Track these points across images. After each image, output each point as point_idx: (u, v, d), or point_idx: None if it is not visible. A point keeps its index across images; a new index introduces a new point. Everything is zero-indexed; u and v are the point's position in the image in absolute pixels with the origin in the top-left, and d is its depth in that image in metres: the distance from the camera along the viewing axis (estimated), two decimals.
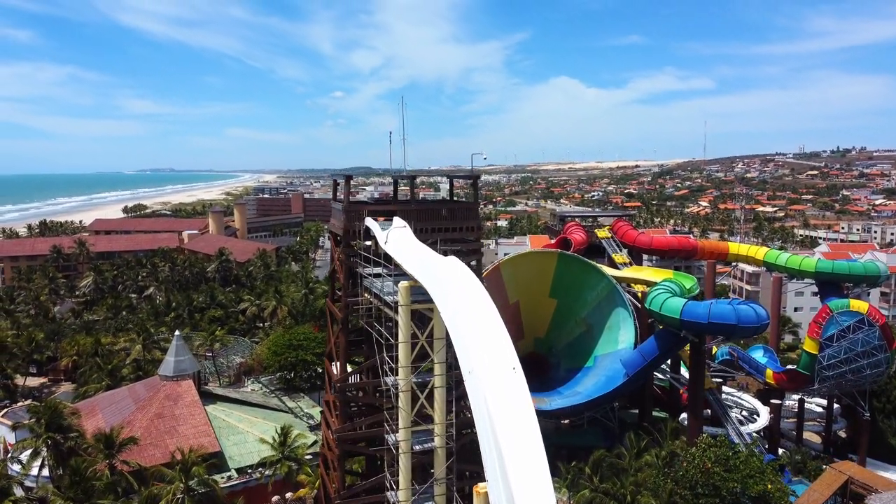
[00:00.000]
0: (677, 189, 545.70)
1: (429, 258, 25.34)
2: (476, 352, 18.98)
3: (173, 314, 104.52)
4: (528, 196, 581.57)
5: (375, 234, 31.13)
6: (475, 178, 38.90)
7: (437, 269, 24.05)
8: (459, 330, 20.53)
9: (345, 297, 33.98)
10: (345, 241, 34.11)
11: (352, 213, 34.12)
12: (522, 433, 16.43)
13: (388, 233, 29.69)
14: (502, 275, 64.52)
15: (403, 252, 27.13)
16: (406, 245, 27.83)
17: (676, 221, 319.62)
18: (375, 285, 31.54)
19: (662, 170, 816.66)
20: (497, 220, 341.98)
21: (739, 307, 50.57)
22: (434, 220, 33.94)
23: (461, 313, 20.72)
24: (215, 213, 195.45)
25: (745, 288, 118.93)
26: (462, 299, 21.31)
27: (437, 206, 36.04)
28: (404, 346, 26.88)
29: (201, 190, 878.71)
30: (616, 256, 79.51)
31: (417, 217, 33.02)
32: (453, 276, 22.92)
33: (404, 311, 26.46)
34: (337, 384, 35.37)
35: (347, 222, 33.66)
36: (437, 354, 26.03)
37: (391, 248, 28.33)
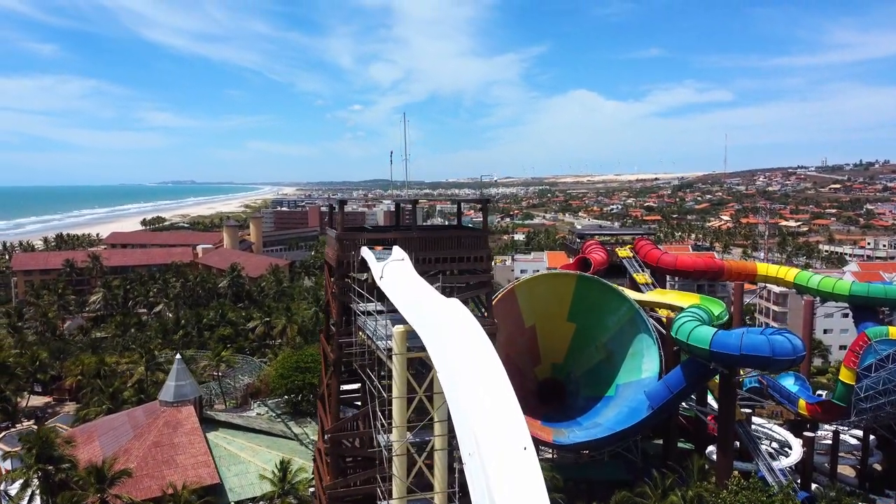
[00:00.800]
0: (698, 202, 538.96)
1: (426, 300, 21.96)
2: (479, 427, 15.45)
3: (182, 332, 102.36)
4: (545, 209, 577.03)
5: (371, 267, 27.86)
6: (484, 202, 35.62)
7: (434, 315, 20.53)
8: (458, 396, 16.97)
9: (337, 337, 30.76)
10: (338, 272, 30.89)
11: (346, 241, 30.92)
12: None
13: (384, 266, 26.39)
14: (517, 297, 61.20)
15: (398, 291, 23.81)
16: (402, 282, 24.50)
17: (698, 236, 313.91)
18: (369, 326, 27.50)
19: (682, 183, 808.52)
20: (514, 234, 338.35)
21: (774, 338, 46.83)
22: (439, 249, 30.68)
23: (461, 374, 17.25)
24: (230, 227, 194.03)
25: (773, 308, 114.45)
26: (463, 356, 17.83)
27: (442, 234, 32.66)
28: (399, 402, 22.84)
29: (221, 202, 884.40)
30: (638, 277, 75.93)
31: (420, 246, 29.84)
32: (453, 326, 19.43)
33: (399, 360, 22.47)
34: (328, 435, 32.04)
35: (341, 251, 30.51)
36: (437, 411, 22.30)
37: (386, 285, 25.07)
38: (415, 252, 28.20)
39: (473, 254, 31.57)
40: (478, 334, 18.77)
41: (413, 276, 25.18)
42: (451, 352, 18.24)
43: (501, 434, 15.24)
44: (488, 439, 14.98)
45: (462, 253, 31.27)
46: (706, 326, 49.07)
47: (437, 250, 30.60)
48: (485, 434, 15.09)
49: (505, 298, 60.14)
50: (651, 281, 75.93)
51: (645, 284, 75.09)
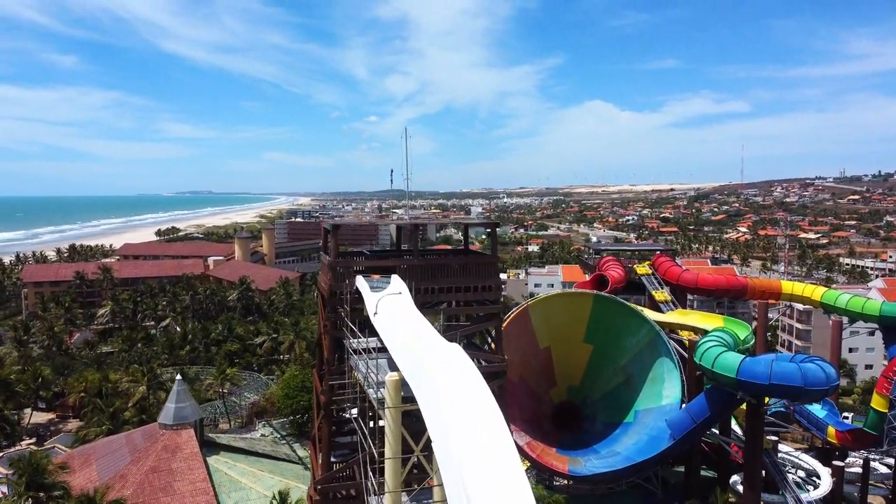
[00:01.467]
0: (714, 214, 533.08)
1: (423, 345, 19.15)
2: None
3: (189, 347, 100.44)
4: (560, 219, 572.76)
5: (364, 300, 25.16)
6: (493, 226, 32.80)
7: (431, 365, 17.74)
8: (452, 465, 14.20)
9: (328, 379, 28.02)
10: (330, 304, 28.22)
11: (339, 269, 28.23)
12: None
13: (378, 300, 23.68)
14: (531, 317, 58.50)
15: (392, 331, 21.07)
16: (398, 321, 21.73)
17: (715, 248, 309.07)
18: (361, 368, 24.32)
19: (699, 193, 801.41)
20: (528, 245, 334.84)
21: (805, 366, 43.76)
22: (443, 278, 27.98)
23: (456, 439, 14.38)
24: (242, 238, 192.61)
25: (796, 326, 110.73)
26: (461, 418, 14.97)
27: (447, 261, 29.88)
28: (392, 462, 19.29)
29: (236, 212, 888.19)
30: (657, 294, 73.01)
31: (423, 274, 27.18)
32: (452, 379, 16.60)
33: (393, 414, 19.13)
34: (318, 484, 29.34)
35: (333, 281, 27.89)
36: (437, 473, 19.31)
37: (379, 323, 22.36)
38: (416, 281, 25.58)
39: (482, 282, 28.76)
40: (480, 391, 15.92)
41: (411, 312, 22.43)
42: (448, 412, 15.36)
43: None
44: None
45: (469, 282, 28.48)
46: (732, 353, 46.09)
47: (442, 279, 27.88)
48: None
49: (518, 318, 57.52)
50: (670, 298, 72.99)
51: (664, 302, 72.16)
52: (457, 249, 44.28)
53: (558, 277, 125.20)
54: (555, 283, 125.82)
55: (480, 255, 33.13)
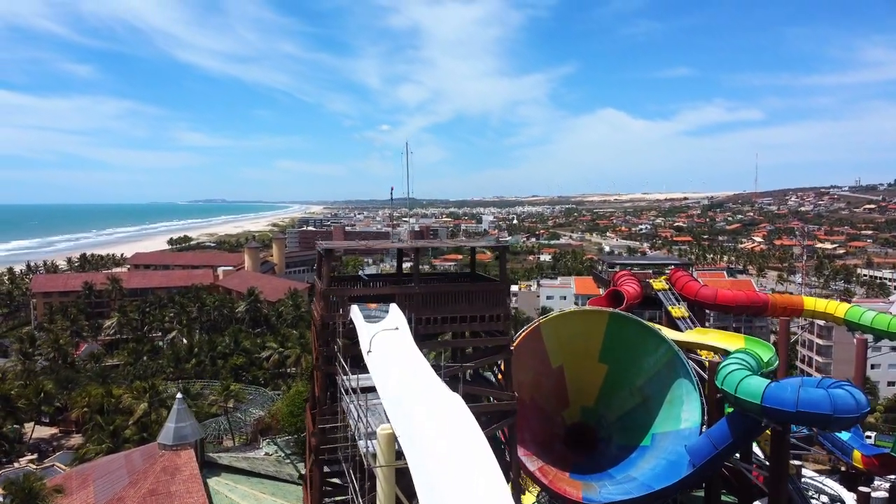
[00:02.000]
0: (728, 223, 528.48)
1: (418, 392, 16.97)
2: None
3: (194, 360, 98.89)
4: (572, 228, 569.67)
5: (359, 335, 22.95)
6: (502, 249, 30.44)
7: (425, 418, 15.55)
8: None
9: (317, 422, 25.78)
10: (321, 338, 26.08)
11: (332, 298, 26.08)
12: None
13: (372, 336, 21.46)
14: (543, 336, 56.07)
15: (386, 375, 18.77)
16: (392, 362, 19.48)
17: (730, 258, 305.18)
18: (353, 413, 21.06)
19: (712, 202, 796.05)
20: (540, 255, 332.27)
21: (834, 392, 41.13)
22: (447, 306, 25.73)
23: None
24: (251, 248, 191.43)
25: (817, 342, 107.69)
26: (456, 486, 12.70)
27: (451, 288, 27.50)
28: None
29: (249, 221, 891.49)
30: (674, 310, 70.46)
31: (424, 302, 25.01)
32: (448, 438, 14.48)
33: (385, 473, 16.34)
34: None
35: (325, 311, 25.77)
36: None
37: (373, 364, 20.11)
38: (417, 310, 23.48)
39: (490, 311, 26.49)
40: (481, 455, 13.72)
41: (408, 352, 20.21)
42: (442, 480, 13.12)
43: None
44: None
45: (476, 310, 26.23)
46: (757, 378, 43.54)
47: (445, 307, 25.59)
48: None
49: (530, 337, 55.17)
50: (688, 314, 70.46)
51: (681, 318, 69.66)
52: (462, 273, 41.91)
53: (571, 290, 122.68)
54: (567, 296, 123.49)
55: (488, 280, 30.76)
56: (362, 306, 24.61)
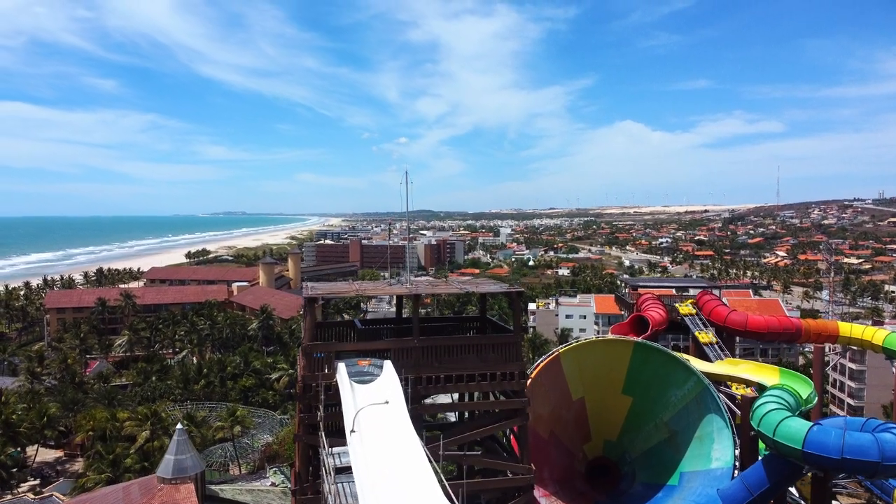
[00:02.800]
0: (750, 236, 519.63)
1: (404, 495, 13.71)
2: None
3: (203, 382, 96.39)
4: (591, 242, 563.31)
5: (343, 407, 19.59)
6: (516, 296, 26.76)
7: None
8: None
9: (300, 496, 22.41)
10: (302, 401, 22.60)
11: (315, 355, 22.67)
12: None
13: (358, 411, 17.97)
14: (563, 366, 52.64)
15: (366, 467, 15.41)
16: (377, 448, 16.04)
17: (754, 273, 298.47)
18: (339, 499, 16.82)
19: (733, 215, 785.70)
20: (558, 269, 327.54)
21: (883, 437, 37.37)
22: (452, 363, 22.09)
23: None
24: (266, 264, 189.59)
25: (849, 366, 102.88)
26: None
27: (457, 342, 23.71)
28: None
29: (268, 233, 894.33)
30: (701, 336, 66.80)
31: (424, 357, 21.52)
32: None
33: None
34: None
35: (307, 371, 22.34)
36: None
37: (355, 449, 16.70)
38: (417, 367, 20.10)
39: (502, 368, 22.80)
40: None
41: (399, 435, 16.80)
42: None
43: None
44: None
45: (486, 367, 22.49)
46: (797, 420, 39.88)
47: (450, 364, 22.02)
48: None
49: (549, 367, 51.78)
50: (716, 340, 66.74)
51: (709, 344, 65.97)
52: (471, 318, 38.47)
53: (591, 308, 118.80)
54: (587, 314, 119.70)
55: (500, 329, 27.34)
56: (351, 363, 21.20)
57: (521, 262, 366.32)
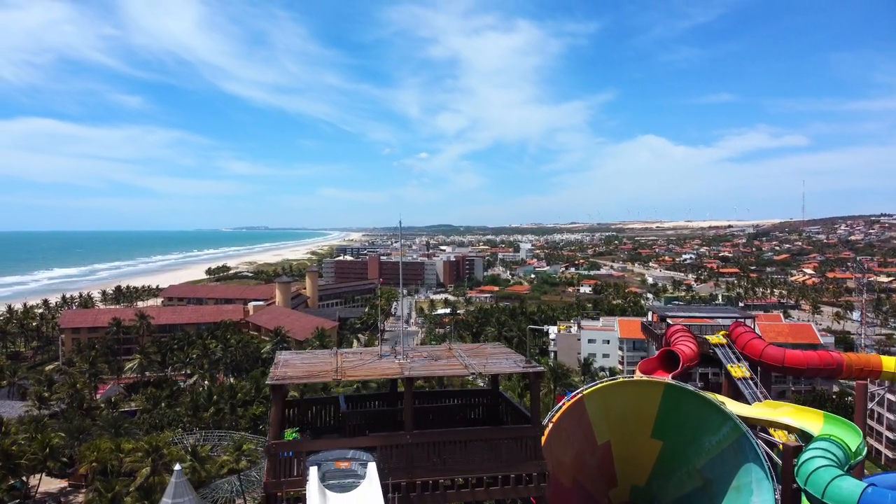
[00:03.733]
0: (776, 252, 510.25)
1: None
2: None
3: (213, 409, 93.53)
4: (613, 257, 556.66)
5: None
6: (535, 375, 22.68)
7: None
8: None
9: None
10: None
11: (280, 456, 18.95)
12: None
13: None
14: (587, 409, 48.79)
15: None
16: None
17: (781, 293, 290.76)
18: None
19: (758, 231, 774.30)
20: (580, 287, 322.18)
21: None
22: (454, 462, 17.86)
23: None
24: (282, 283, 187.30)
25: (888, 397, 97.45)
26: None
27: (460, 436, 19.14)
28: None
29: (289, 249, 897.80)
30: (734, 369, 62.60)
31: (420, 456, 17.50)
32: None
33: None
34: None
35: (270, 475, 18.49)
36: None
37: None
38: (409, 469, 16.23)
39: (517, 469, 18.48)
40: None
41: None
42: None
43: None
44: None
45: (498, 468, 18.02)
46: (849, 480, 35.77)
47: (452, 464, 17.89)
48: None
49: (572, 410, 47.96)
50: (749, 374, 62.49)
51: (743, 379, 61.74)
52: (480, 391, 34.60)
53: (615, 333, 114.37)
54: (611, 339, 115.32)
55: (516, 413, 23.18)
56: (326, 464, 17.46)
57: (542, 278, 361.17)
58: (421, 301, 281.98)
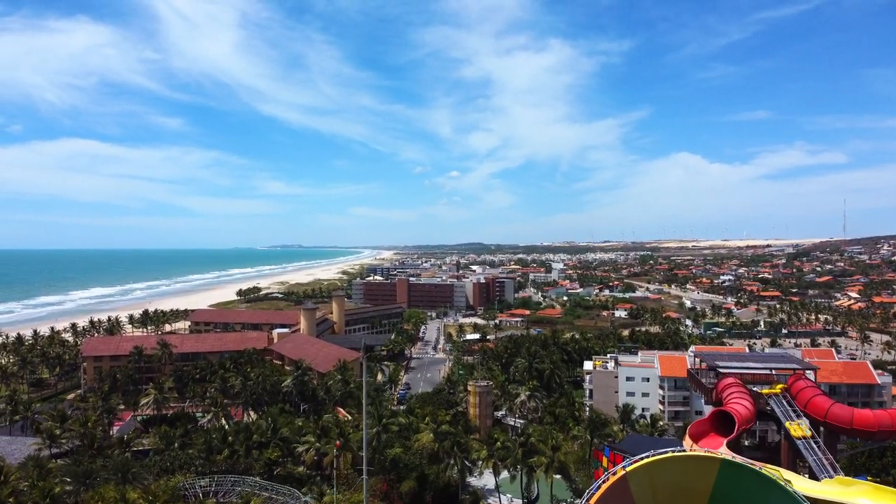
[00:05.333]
0: (818, 274, 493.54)
1: None
2: None
3: (227, 451, 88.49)
4: (648, 278, 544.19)
5: None
6: None
7: None
8: None
9: None
10: None
11: None
12: None
13: None
14: (631, 488, 42.42)
15: None
16: None
17: (826, 319, 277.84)
18: None
19: (798, 250, 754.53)
20: (614, 311, 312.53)
21: None
22: None
23: None
24: (307, 309, 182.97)
25: None
26: None
27: None
28: None
29: (321, 268, 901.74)
30: (793, 428, 55.62)
31: None
32: None
33: None
34: None
35: None
36: None
37: None
38: None
39: None
40: None
41: None
42: None
43: None
44: None
45: None
46: None
47: None
48: None
49: (614, 489, 41.65)
50: (811, 433, 55.37)
51: (804, 439, 54.63)
52: None
53: (655, 370, 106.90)
54: (651, 377, 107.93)
55: None
56: None
57: (575, 301, 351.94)
58: (450, 325, 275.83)
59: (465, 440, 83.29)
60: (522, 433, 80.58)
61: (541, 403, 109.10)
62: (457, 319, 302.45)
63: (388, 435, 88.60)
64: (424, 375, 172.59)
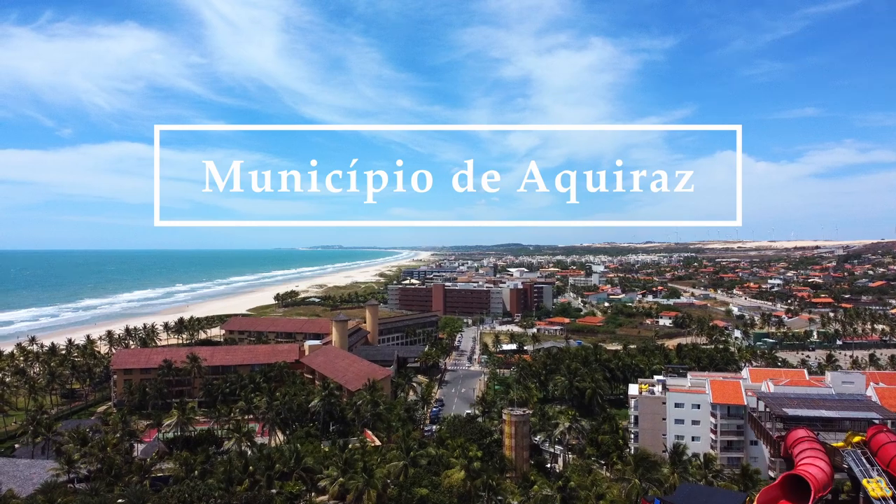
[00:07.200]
0: (870, 278, 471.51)
1: None
2: None
3: (248, 482, 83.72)
4: (693, 282, 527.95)
5: None
6: None
7: None
8: None
9: None
10: None
11: None
12: None
13: None
14: None
15: None
16: None
17: (884, 330, 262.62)
18: None
19: (848, 252, 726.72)
20: (658, 318, 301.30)
21: None
22: None
23: None
24: (339, 321, 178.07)
25: None
26: None
27: None
28: None
29: (359, 269, 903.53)
30: (871, 487, 48.11)
31: None
32: None
33: None
34: None
35: None
36: None
37: None
38: None
39: None
40: None
41: None
42: None
43: None
44: None
45: None
46: None
47: None
48: None
49: None
50: (891, 493, 47.83)
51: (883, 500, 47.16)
52: None
53: (707, 397, 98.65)
54: (701, 404, 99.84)
55: None
56: None
57: (617, 308, 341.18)
58: (486, 333, 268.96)
59: (499, 482, 76.77)
60: (561, 476, 73.89)
61: (582, 433, 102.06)
62: (493, 327, 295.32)
63: (416, 469, 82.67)
64: (459, 391, 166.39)
